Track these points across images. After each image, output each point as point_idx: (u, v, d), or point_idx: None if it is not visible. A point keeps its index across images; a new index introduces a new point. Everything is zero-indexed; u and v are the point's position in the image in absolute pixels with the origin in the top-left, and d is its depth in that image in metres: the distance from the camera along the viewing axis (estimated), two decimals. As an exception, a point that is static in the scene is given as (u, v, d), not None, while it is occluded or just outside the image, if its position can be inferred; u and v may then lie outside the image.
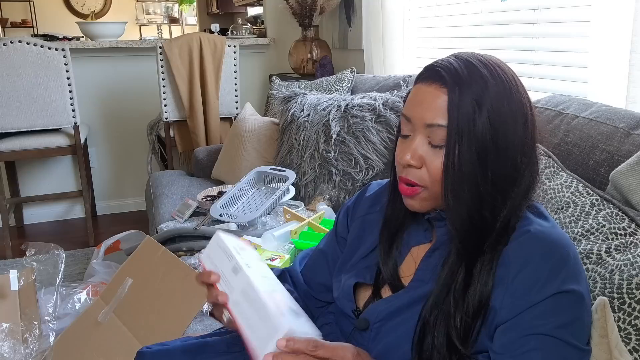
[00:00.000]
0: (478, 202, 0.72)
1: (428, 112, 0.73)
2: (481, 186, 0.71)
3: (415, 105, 0.75)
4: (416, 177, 0.75)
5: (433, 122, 0.72)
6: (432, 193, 0.75)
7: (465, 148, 0.70)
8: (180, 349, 0.96)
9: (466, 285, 0.72)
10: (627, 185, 0.97)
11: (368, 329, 0.80)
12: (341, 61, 3.12)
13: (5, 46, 2.57)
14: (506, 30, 1.87)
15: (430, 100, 0.73)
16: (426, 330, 0.73)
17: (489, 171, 0.71)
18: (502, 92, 0.72)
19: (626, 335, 0.78)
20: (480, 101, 0.70)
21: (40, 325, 1.52)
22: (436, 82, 0.73)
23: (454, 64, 0.73)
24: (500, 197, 0.73)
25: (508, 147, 0.72)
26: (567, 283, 0.69)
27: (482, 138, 0.70)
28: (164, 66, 2.82)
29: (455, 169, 0.71)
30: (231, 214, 1.74)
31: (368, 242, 0.89)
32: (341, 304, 0.86)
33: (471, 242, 0.73)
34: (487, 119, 0.70)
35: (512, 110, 0.72)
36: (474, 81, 0.71)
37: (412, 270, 0.82)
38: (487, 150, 0.71)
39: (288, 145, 2.02)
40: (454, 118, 0.71)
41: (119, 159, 3.44)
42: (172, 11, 7.85)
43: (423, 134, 0.74)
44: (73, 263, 2.67)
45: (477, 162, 0.71)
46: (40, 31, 6.57)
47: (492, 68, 0.73)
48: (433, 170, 0.74)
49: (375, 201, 0.93)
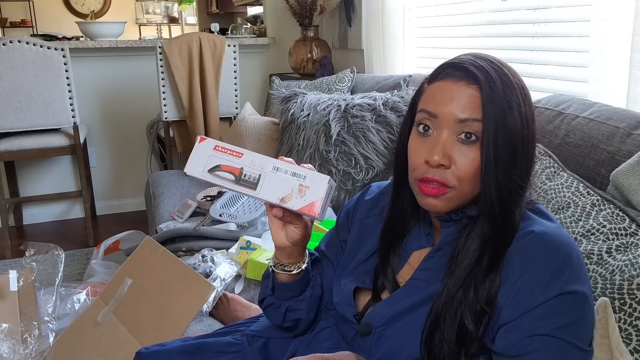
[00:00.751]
0: (508, 195, 0.73)
1: (460, 108, 0.72)
2: (514, 179, 0.73)
3: (444, 102, 0.73)
4: (444, 177, 0.73)
5: (468, 116, 0.72)
6: (460, 193, 0.74)
7: (501, 141, 0.71)
8: (179, 350, 0.96)
9: (489, 271, 0.72)
10: (628, 186, 0.97)
11: (370, 333, 0.79)
12: (341, 61, 3.12)
13: (4, 46, 2.57)
14: (507, 29, 1.87)
15: (461, 95, 0.72)
16: (437, 326, 0.73)
17: (518, 162, 0.73)
18: (521, 90, 0.75)
19: (627, 336, 0.78)
20: (509, 96, 0.72)
21: (40, 326, 1.52)
22: (463, 78, 0.73)
23: (478, 61, 0.74)
24: (525, 184, 0.75)
25: (530, 141, 0.75)
26: (570, 284, 0.68)
27: (513, 131, 0.72)
28: (163, 66, 2.81)
29: (495, 162, 0.71)
30: (231, 214, 1.73)
31: (367, 246, 0.88)
32: (341, 309, 0.85)
33: (505, 231, 0.73)
34: (518, 114, 0.73)
35: (530, 108, 0.75)
36: (500, 77, 0.73)
37: (410, 274, 0.81)
38: (516, 144, 0.73)
39: (288, 145, 2.02)
40: (490, 112, 0.71)
41: (118, 159, 3.44)
42: (171, 11, 7.85)
43: (452, 130, 0.73)
44: (73, 263, 2.67)
45: (510, 154, 0.72)
46: (40, 31, 6.57)
47: (506, 67, 0.76)
48: (463, 168, 0.72)
49: (374, 204, 0.92)
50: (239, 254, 1.51)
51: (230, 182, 0.77)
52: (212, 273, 1.46)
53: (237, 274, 1.47)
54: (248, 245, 1.51)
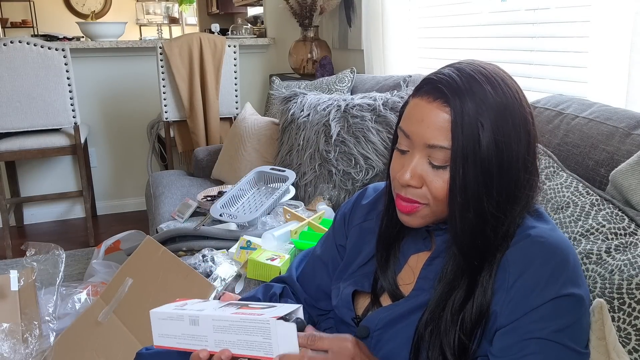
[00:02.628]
0: (482, 222, 0.70)
1: (429, 132, 0.70)
2: (487, 206, 0.70)
3: (415, 123, 0.71)
4: (416, 195, 0.72)
5: (435, 143, 0.69)
6: (435, 210, 0.73)
7: (470, 170, 0.68)
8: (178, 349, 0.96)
9: (463, 303, 0.71)
10: (627, 185, 0.97)
11: (368, 336, 0.79)
12: (341, 61, 3.12)
13: (5, 46, 2.57)
14: (506, 30, 1.87)
15: (432, 119, 0.69)
16: (421, 345, 0.73)
17: (494, 191, 0.70)
18: (505, 109, 0.69)
19: (626, 336, 0.78)
20: (484, 120, 0.68)
21: (41, 325, 1.53)
22: (438, 99, 0.70)
23: (456, 80, 0.69)
24: (503, 214, 0.71)
25: (511, 166, 0.70)
26: (566, 287, 0.68)
27: (487, 159, 0.68)
28: (164, 66, 2.82)
29: (460, 191, 0.69)
30: (231, 214, 1.74)
31: (366, 250, 0.88)
32: (340, 312, 0.86)
33: (473, 260, 0.71)
34: (493, 139, 0.68)
35: (515, 127, 0.70)
36: (477, 99, 0.68)
37: (411, 278, 0.81)
38: (491, 171, 0.69)
39: (288, 145, 2.02)
40: (459, 140, 0.68)
41: (119, 159, 3.44)
42: (172, 11, 7.85)
43: (423, 153, 0.71)
44: (73, 263, 2.67)
45: (482, 182, 0.69)
46: (41, 31, 6.58)
47: (496, 82, 0.70)
48: (435, 190, 0.71)
49: (371, 208, 0.91)
50: (239, 254, 1.51)
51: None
52: (212, 273, 1.46)
53: (237, 273, 1.47)
54: (248, 245, 1.51)
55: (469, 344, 0.70)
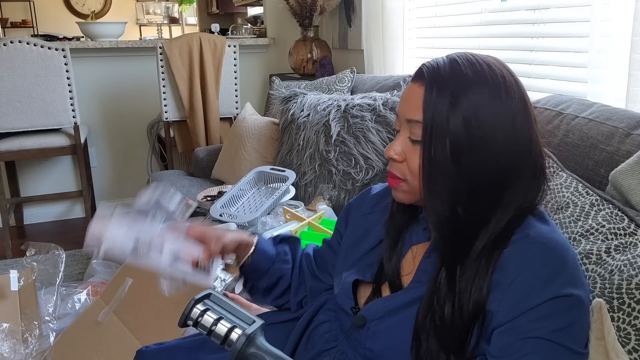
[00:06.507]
0: (451, 198, 0.72)
1: (406, 107, 0.76)
2: (454, 182, 0.72)
3: (401, 102, 0.78)
4: (398, 170, 0.78)
5: (411, 117, 0.75)
6: (412, 187, 0.77)
7: (439, 144, 0.72)
8: (179, 347, 0.97)
9: (450, 289, 0.72)
10: (627, 185, 0.97)
11: (364, 326, 0.80)
12: (341, 61, 3.12)
13: (5, 46, 2.57)
14: (506, 30, 1.87)
15: (412, 96, 0.75)
16: (421, 336, 0.73)
17: (464, 168, 0.71)
18: (484, 92, 0.71)
19: (625, 335, 0.78)
20: (456, 100, 0.71)
21: (40, 325, 1.53)
22: (420, 79, 0.75)
23: (439, 63, 0.75)
24: (483, 198, 0.72)
25: (486, 148, 0.71)
26: (565, 287, 0.68)
27: (454, 136, 0.71)
28: (164, 66, 2.82)
29: (430, 165, 0.73)
30: (231, 214, 1.74)
31: (370, 240, 0.90)
32: (341, 300, 0.87)
33: (449, 241, 0.74)
34: (462, 118, 0.71)
35: (495, 110, 0.71)
36: (452, 80, 0.72)
37: (412, 268, 0.82)
38: (460, 148, 0.71)
39: (288, 145, 2.02)
40: (429, 114, 0.72)
41: (119, 159, 3.44)
42: (172, 11, 7.85)
43: (406, 129, 0.77)
44: (73, 263, 2.67)
45: (449, 158, 0.71)
46: (40, 31, 6.57)
47: (479, 67, 0.73)
48: (412, 165, 0.76)
49: (379, 200, 0.94)
50: (239, 254, 1.51)
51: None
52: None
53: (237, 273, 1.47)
54: (248, 245, 1.50)
55: (466, 339, 0.71)
